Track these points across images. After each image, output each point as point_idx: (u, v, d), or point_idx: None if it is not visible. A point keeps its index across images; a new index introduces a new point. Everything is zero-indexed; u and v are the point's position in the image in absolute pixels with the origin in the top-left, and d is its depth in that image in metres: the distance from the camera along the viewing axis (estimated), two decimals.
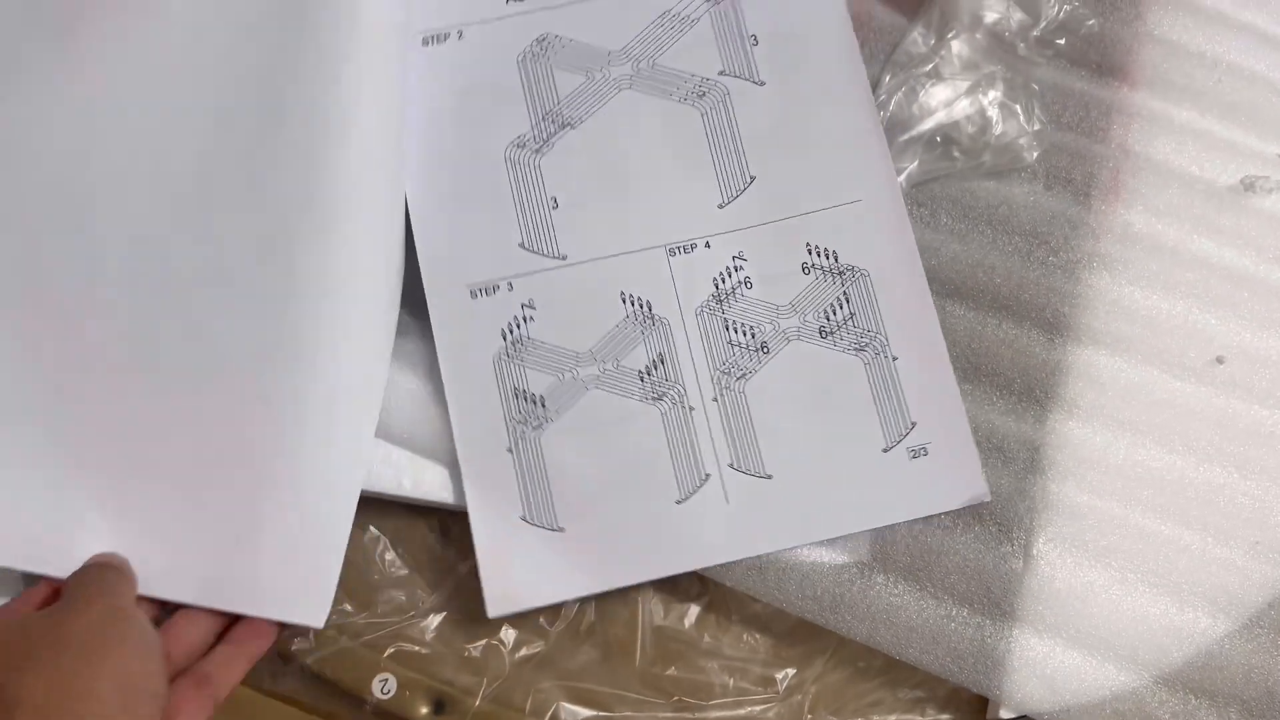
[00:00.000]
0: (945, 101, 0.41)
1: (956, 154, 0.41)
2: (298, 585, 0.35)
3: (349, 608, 0.38)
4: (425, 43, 0.41)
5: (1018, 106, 0.41)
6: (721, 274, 0.39)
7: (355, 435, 0.37)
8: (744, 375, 0.39)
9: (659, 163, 0.40)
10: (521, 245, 0.39)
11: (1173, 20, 0.43)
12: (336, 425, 0.36)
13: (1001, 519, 0.38)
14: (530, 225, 0.40)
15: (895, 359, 0.39)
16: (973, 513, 0.38)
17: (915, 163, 0.41)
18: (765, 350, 0.39)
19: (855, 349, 0.39)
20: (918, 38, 0.42)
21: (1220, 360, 0.39)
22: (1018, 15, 0.41)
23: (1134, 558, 0.38)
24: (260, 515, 0.35)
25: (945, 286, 0.40)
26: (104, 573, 0.33)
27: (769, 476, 0.38)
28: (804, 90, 0.41)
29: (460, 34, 0.41)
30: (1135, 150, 0.41)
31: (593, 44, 0.41)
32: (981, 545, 0.38)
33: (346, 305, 0.36)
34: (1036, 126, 0.41)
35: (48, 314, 0.36)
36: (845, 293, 0.39)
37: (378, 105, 0.37)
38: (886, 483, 0.38)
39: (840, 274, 0.39)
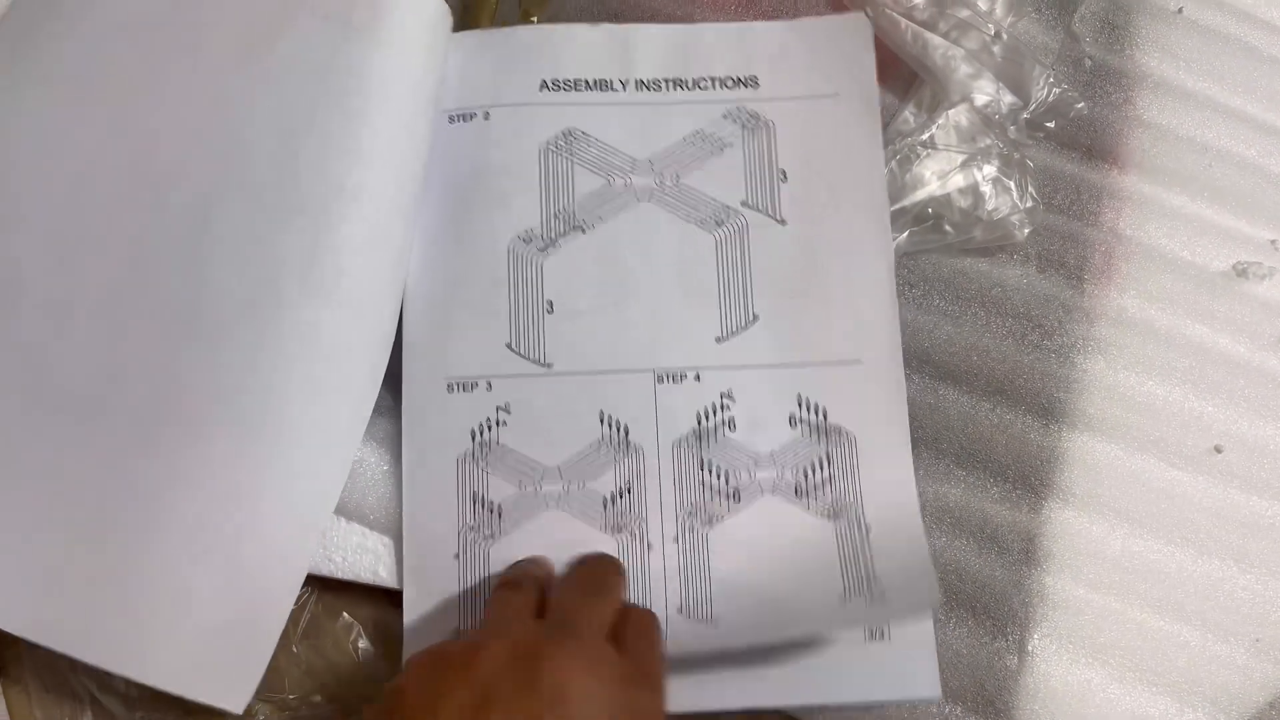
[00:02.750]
0: (939, 173, 0.40)
1: (947, 228, 0.40)
2: (222, 665, 0.33)
3: (319, 699, 0.36)
4: (451, 120, 0.40)
5: (1011, 183, 0.40)
6: (706, 410, 0.37)
7: (311, 517, 0.35)
8: (710, 521, 0.36)
9: (664, 284, 0.38)
10: (508, 346, 0.38)
11: (1162, 105, 0.43)
12: (293, 503, 0.34)
13: (996, 613, 0.37)
14: (521, 327, 0.38)
15: (869, 530, 0.36)
16: (966, 606, 0.37)
17: (905, 234, 0.40)
18: (736, 499, 0.37)
19: (829, 514, 0.36)
20: (909, 117, 0.42)
21: (1218, 449, 0.39)
22: (1008, 98, 0.41)
23: (1132, 655, 0.36)
24: (194, 586, 0.33)
25: (939, 370, 0.39)
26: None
27: (716, 626, 0.35)
28: (824, 237, 0.39)
29: (487, 115, 0.40)
30: (1127, 234, 0.41)
31: (620, 147, 0.40)
32: (975, 640, 0.37)
33: (325, 378, 0.35)
34: (1029, 204, 0.40)
35: (14, 340, 0.34)
36: (828, 453, 0.37)
37: (396, 179, 0.36)
38: (837, 660, 0.35)
39: (826, 433, 0.37)
